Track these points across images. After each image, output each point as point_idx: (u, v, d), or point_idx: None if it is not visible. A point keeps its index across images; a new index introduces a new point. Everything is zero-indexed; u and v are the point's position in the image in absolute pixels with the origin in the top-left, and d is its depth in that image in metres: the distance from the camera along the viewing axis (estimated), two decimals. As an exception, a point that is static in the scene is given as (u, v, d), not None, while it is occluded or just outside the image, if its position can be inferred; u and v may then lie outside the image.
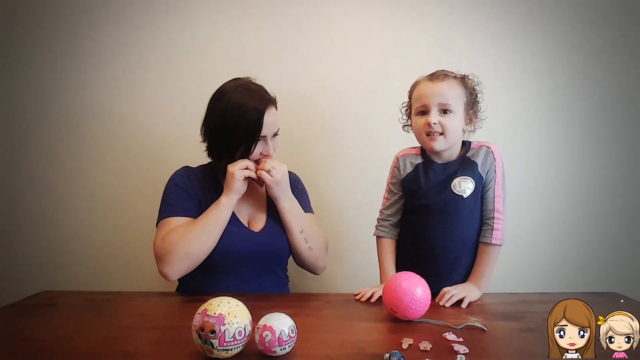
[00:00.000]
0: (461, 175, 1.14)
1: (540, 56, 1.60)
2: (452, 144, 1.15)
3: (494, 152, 1.15)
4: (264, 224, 1.24)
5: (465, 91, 1.13)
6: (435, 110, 1.11)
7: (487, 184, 1.15)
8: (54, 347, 0.83)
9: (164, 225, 1.17)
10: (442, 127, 1.11)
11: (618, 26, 1.58)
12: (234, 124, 1.14)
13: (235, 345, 0.74)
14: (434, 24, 1.61)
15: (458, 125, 1.13)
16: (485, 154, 1.15)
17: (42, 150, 1.67)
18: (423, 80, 1.17)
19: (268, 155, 1.20)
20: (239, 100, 1.14)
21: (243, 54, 1.61)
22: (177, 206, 1.18)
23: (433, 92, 1.11)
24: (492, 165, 1.14)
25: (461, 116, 1.13)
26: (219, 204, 1.15)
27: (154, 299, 1.16)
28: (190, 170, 1.26)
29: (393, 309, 0.94)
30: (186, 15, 1.62)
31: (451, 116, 1.11)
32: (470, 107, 1.14)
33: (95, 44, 1.64)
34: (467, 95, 1.14)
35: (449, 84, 1.12)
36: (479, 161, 1.14)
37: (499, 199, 1.14)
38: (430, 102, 1.12)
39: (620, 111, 1.59)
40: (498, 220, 1.13)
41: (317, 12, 1.61)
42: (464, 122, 1.14)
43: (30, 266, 1.68)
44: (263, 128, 1.15)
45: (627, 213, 1.61)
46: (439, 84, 1.12)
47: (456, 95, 1.12)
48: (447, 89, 1.11)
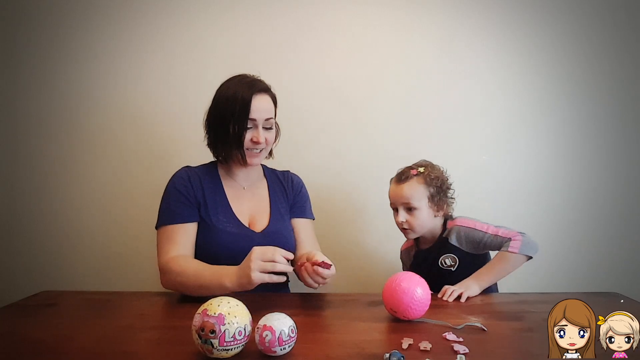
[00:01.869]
0: (445, 254, 1.26)
1: (538, 57, 1.60)
2: (423, 232, 1.28)
3: (461, 226, 1.26)
4: (266, 225, 1.24)
5: (426, 187, 1.24)
6: (401, 210, 1.25)
7: (479, 245, 1.23)
8: (54, 347, 0.83)
9: (165, 234, 1.16)
10: (409, 224, 1.25)
11: (618, 27, 1.58)
12: (224, 109, 1.17)
13: (235, 345, 0.74)
14: (434, 26, 1.61)
15: (424, 218, 1.25)
16: (457, 234, 1.26)
17: (42, 150, 1.67)
18: (393, 180, 1.30)
19: (258, 141, 1.19)
20: (231, 89, 1.19)
21: (244, 54, 1.62)
22: (177, 213, 1.17)
23: (397, 195, 1.26)
24: (467, 236, 1.25)
25: (426, 209, 1.24)
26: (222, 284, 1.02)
27: (154, 299, 1.16)
28: (191, 171, 1.25)
29: (393, 309, 0.94)
30: (187, 16, 1.63)
31: (416, 213, 1.24)
32: (435, 197, 1.25)
33: (96, 43, 1.64)
34: (430, 189, 1.24)
35: (410, 185, 1.24)
36: (454, 241, 1.26)
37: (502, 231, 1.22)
38: (397, 202, 1.26)
39: (621, 111, 1.60)
40: (516, 237, 1.19)
41: (318, 14, 1.62)
42: (431, 212, 1.25)
43: (30, 266, 1.68)
44: (251, 112, 1.16)
45: (627, 213, 1.61)
46: (400, 187, 1.25)
47: (418, 194, 1.23)
48: (408, 190, 1.23)
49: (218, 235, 1.17)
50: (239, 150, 1.19)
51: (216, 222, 1.18)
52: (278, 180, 1.35)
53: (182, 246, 1.15)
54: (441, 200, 1.26)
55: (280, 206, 1.29)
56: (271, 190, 1.31)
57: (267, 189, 1.31)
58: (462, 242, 1.25)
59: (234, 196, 1.25)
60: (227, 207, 1.22)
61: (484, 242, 1.23)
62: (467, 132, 1.62)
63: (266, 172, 1.36)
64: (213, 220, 1.18)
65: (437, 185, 1.25)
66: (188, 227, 1.17)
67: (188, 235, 1.17)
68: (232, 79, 1.22)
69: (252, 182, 1.30)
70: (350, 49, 1.62)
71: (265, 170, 1.36)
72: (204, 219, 1.19)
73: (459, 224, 1.27)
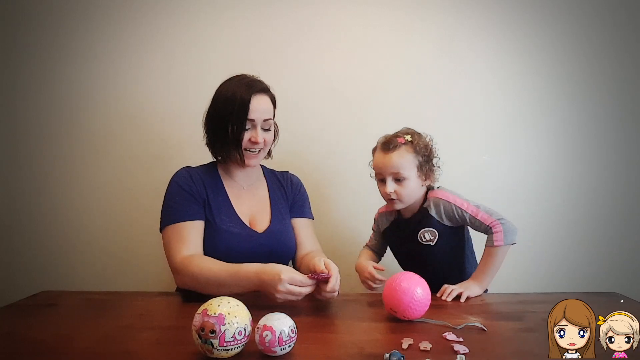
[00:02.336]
0: (423, 227, 1.24)
1: (539, 57, 1.60)
2: (411, 202, 1.24)
3: (442, 199, 1.23)
4: (268, 224, 1.24)
5: (415, 155, 1.20)
6: (389, 180, 1.21)
7: (460, 219, 1.22)
8: (54, 347, 0.83)
9: (174, 233, 1.14)
10: (398, 195, 1.21)
11: (618, 26, 1.58)
12: (223, 109, 1.17)
13: (235, 345, 0.74)
14: (434, 26, 1.61)
15: (413, 188, 1.22)
16: (436, 205, 1.23)
17: (42, 150, 1.67)
18: (378, 148, 1.25)
19: (256, 142, 1.18)
20: (230, 89, 1.19)
21: (244, 54, 1.62)
22: (183, 211, 1.16)
23: (385, 164, 1.21)
24: (447, 210, 1.22)
25: (415, 178, 1.21)
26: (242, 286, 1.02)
27: (154, 299, 1.16)
28: (192, 171, 1.25)
29: (393, 309, 0.94)
30: (187, 16, 1.63)
31: (405, 183, 1.20)
32: (423, 166, 1.22)
33: (96, 43, 1.64)
34: (419, 158, 1.21)
35: (399, 153, 1.19)
36: (433, 213, 1.23)
37: (481, 214, 1.20)
38: (385, 173, 1.21)
39: (621, 111, 1.60)
40: (496, 226, 1.18)
41: (318, 14, 1.61)
42: (419, 182, 1.23)
43: (30, 266, 1.68)
44: (250, 112, 1.16)
45: (627, 213, 1.61)
46: (389, 156, 1.20)
47: (407, 163, 1.19)
48: (397, 159, 1.19)
49: (222, 236, 1.17)
50: (237, 150, 1.19)
51: (220, 223, 1.18)
52: (277, 180, 1.35)
53: (194, 244, 1.14)
54: (429, 169, 1.24)
55: (280, 206, 1.30)
56: (271, 190, 1.31)
57: (267, 189, 1.31)
58: (441, 215, 1.23)
59: (235, 196, 1.24)
60: (229, 208, 1.22)
61: (463, 219, 1.21)
62: (468, 132, 1.62)
63: (265, 172, 1.36)
64: (217, 221, 1.18)
65: (425, 154, 1.22)
66: (197, 224, 1.16)
67: (198, 233, 1.16)
68: (231, 79, 1.22)
69: (252, 182, 1.30)
70: (350, 49, 1.62)
71: (265, 170, 1.36)
72: (208, 219, 1.18)
73: (440, 196, 1.24)
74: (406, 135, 1.22)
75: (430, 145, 1.25)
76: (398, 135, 1.23)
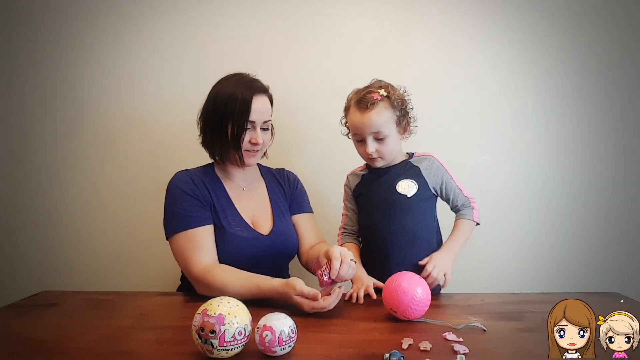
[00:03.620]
0: (405, 178, 1.20)
1: (538, 57, 1.60)
2: (393, 157, 1.22)
3: (437, 159, 1.24)
4: (271, 226, 1.24)
5: (393, 111, 1.16)
6: (370, 139, 1.17)
7: (443, 184, 1.22)
8: (54, 347, 0.83)
9: (186, 239, 1.11)
10: (379, 153, 1.18)
11: (618, 27, 1.58)
12: (223, 111, 1.15)
13: (235, 345, 0.74)
14: (434, 24, 1.61)
15: (393, 144, 1.19)
16: (429, 161, 1.22)
17: (42, 150, 1.67)
18: (353, 107, 1.19)
19: (257, 143, 1.17)
20: (229, 88, 1.16)
21: (244, 54, 1.61)
22: (192, 216, 1.13)
23: (364, 124, 1.15)
24: (438, 169, 1.22)
25: (394, 134, 1.18)
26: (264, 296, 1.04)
27: (154, 299, 1.16)
28: (192, 174, 1.21)
29: (393, 309, 0.94)
30: (187, 16, 1.62)
31: (386, 140, 1.17)
32: (401, 120, 1.18)
33: (96, 44, 1.64)
34: (397, 113, 1.17)
35: (377, 111, 1.14)
36: (422, 166, 1.21)
37: (464, 190, 1.23)
38: (364, 133, 1.17)
39: (621, 112, 1.59)
40: (474, 204, 1.23)
41: (318, 13, 1.61)
42: (398, 137, 1.20)
43: (30, 266, 1.68)
44: (251, 113, 1.15)
45: (627, 213, 1.61)
46: (367, 115, 1.15)
47: (385, 120, 1.15)
48: (376, 117, 1.14)
49: (231, 240, 1.15)
50: (236, 151, 1.17)
51: (227, 227, 1.16)
52: (275, 178, 1.34)
53: (210, 250, 1.12)
54: (407, 122, 1.20)
55: (280, 205, 1.29)
56: (270, 189, 1.31)
57: (266, 189, 1.31)
58: (430, 173, 1.21)
59: (236, 198, 1.23)
60: (234, 210, 1.20)
61: (449, 187, 1.21)
62: (468, 131, 1.62)
63: (262, 171, 1.35)
64: (224, 225, 1.16)
65: (401, 107, 1.18)
66: (208, 229, 1.14)
67: (211, 238, 1.14)
68: (229, 78, 1.20)
69: (251, 183, 1.29)
70: (350, 49, 1.62)
71: (261, 169, 1.35)
72: (215, 223, 1.16)
73: (435, 156, 1.23)
74: (380, 89, 1.17)
75: (403, 97, 1.20)
76: (371, 90, 1.17)
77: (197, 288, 1.11)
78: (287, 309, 0.89)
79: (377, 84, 1.21)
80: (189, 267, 1.11)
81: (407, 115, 1.20)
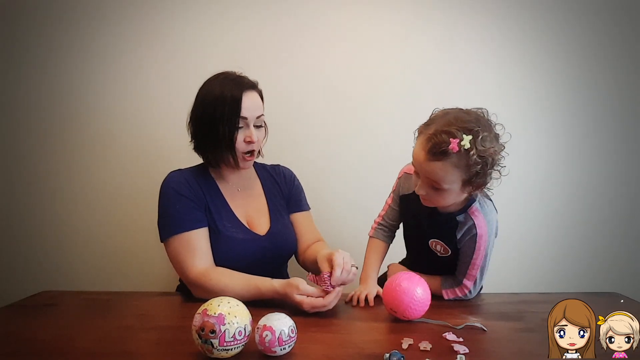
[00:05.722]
0: (438, 238, 1.08)
1: (539, 56, 1.60)
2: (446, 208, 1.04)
3: (475, 229, 1.02)
4: (268, 226, 1.22)
5: (464, 171, 0.91)
6: (424, 183, 0.96)
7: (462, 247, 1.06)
8: (54, 347, 0.83)
9: (181, 242, 1.09)
10: (431, 200, 1.00)
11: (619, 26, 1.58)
12: (213, 112, 1.11)
13: (235, 345, 0.74)
14: (434, 24, 1.61)
15: (450, 200, 0.98)
16: (469, 228, 1.03)
17: (42, 151, 1.67)
18: (422, 140, 0.94)
19: (252, 141, 1.14)
20: (216, 88, 1.13)
21: (243, 54, 1.61)
22: (187, 219, 1.11)
23: (423, 168, 0.94)
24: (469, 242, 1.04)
25: (455, 191, 0.96)
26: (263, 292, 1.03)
27: (154, 299, 1.16)
28: (186, 174, 1.18)
29: (393, 309, 0.94)
30: (186, 18, 1.62)
31: (441, 193, 0.96)
32: (473, 180, 0.94)
33: (96, 44, 1.64)
34: (470, 173, 0.92)
35: (443, 166, 0.90)
36: (459, 234, 1.04)
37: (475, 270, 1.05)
38: (421, 173, 0.96)
39: (621, 111, 1.60)
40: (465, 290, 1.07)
41: (317, 13, 1.61)
42: (462, 194, 0.98)
43: (30, 266, 1.68)
44: (242, 110, 1.11)
45: (627, 213, 1.61)
46: (431, 165, 0.91)
47: (450, 178, 0.92)
48: (439, 171, 0.91)
49: (226, 243, 1.13)
50: (230, 152, 1.14)
51: (223, 229, 1.14)
52: (270, 176, 1.31)
53: (205, 254, 1.10)
54: (479, 183, 0.95)
55: (277, 204, 1.27)
56: (265, 188, 1.28)
57: (262, 188, 1.28)
58: (463, 240, 1.05)
59: (231, 198, 1.20)
60: (229, 212, 1.18)
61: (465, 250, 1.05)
62: (467, 132, 1.62)
63: (257, 169, 1.31)
64: (219, 227, 1.14)
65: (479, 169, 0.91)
66: (203, 231, 1.12)
67: (206, 240, 1.12)
68: (215, 78, 1.17)
69: (246, 183, 1.26)
70: (350, 49, 1.62)
71: (256, 166, 1.32)
72: (210, 225, 1.14)
73: (478, 229, 1.02)
74: (466, 135, 0.89)
75: (494, 154, 0.92)
76: (453, 133, 0.89)
77: (193, 292, 1.10)
78: (287, 309, 0.89)
79: (470, 123, 0.91)
80: (184, 271, 1.09)
81: (484, 176, 0.93)
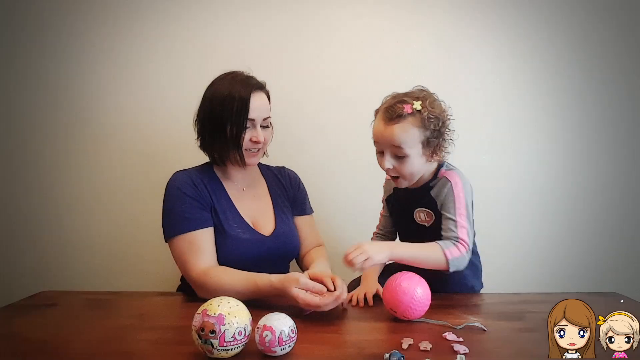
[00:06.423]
0: (421, 206, 1.10)
1: (539, 56, 1.60)
2: (416, 179, 1.09)
3: (452, 184, 1.06)
4: (273, 226, 1.22)
5: (422, 130, 1.01)
6: (388, 155, 1.04)
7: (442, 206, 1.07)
8: (54, 347, 0.83)
9: (186, 242, 1.10)
10: (397, 172, 1.05)
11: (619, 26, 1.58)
12: (221, 111, 1.12)
13: (235, 345, 0.74)
14: (434, 24, 1.61)
15: (415, 166, 1.04)
16: (441, 185, 1.07)
17: (42, 151, 1.67)
18: (380, 114, 1.05)
19: (258, 141, 1.15)
20: (225, 88, 1.14)
21: (243, 55, 1.61)
22: (192, 219, 1.11)
23: (384, 136, 1.02)
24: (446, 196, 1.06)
25: (417, 156, 1.03)
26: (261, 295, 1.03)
27: (154, 299, 1.16)
28: (191, 174, 1.19)
29: (393, 309, 0.94)
30: (186, 17, 1.62)
31: (405, 160, 1.02)
32: (431, 142, 1.02)
33: (96, 45, 1.64)
34: (426, 133, 1.01)
35: (402, 126, 1.00)
36: (434, 194, 1.08)
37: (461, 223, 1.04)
38: (383, 145, 1.04)
39: (621, 111, 1.59)
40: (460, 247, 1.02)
41: (317, 13, 1.61)
42: (423, 159, 1.04)
43: (30, 266, 1.68)
44: (250, 111, 1.12)
45: (627, 213, 1.61)
46: (389, 128, 1.00)
47: (410, 139, 1.00)
48: (399, 133, 1.00)
49: (232, 243, 1.14)
50: (237, 151, 1.15)
51: (228, 229, 1.14)
52: (275, 177, 1.32)
53: (210, 254, 1.11)
54: (437, 146, 1.03)
55: (282, 205, 1.28)
56: (271, 189, 1.29)
57: (267, 188, 1.29)
58: (438, 200, 1.07)
59: (237, 198, 1.21)
60: (234, 211, 1.18)
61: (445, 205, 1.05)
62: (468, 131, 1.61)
63: (262, 170, 1.33)
64: (225, 227, 1.14)
65: (435, 128, 1.01)
66: (208, 231, 1.12)
67: (211, 241, 1.12)
68: (224, 78, 1.18)
69: (251, 183, 1.27)
70: (349, 49, 1.62)
71: (261, 168, 1.33)
72: (216, 225, 1.14)
73: (451, 180, 1.06)
74: (416, 101, 1.01)
75: (444, 115, 1.03)
76: (405, 100, 1.02)
77: (197, 292, 1.10)
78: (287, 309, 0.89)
79: (416, 92, 1.05)
80: (188, 271, 1.10)
81: (440, 138, 1.03)
